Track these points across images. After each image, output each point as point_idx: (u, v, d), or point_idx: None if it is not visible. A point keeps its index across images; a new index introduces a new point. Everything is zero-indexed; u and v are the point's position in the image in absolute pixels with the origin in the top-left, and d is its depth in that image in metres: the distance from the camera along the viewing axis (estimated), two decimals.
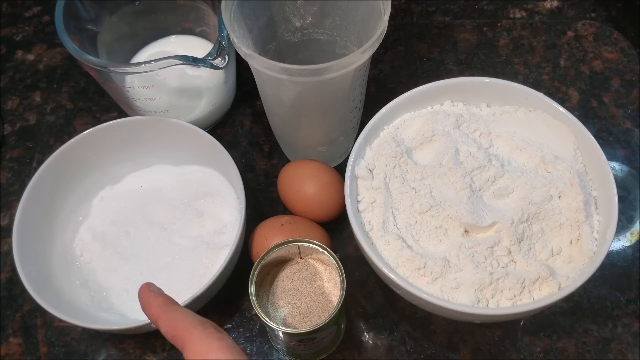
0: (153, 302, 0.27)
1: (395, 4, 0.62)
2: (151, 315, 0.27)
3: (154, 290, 0.28)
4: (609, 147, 0.52)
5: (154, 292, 0.28)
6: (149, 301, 0.27)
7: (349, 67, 0.37)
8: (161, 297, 0.27)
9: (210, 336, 0.25)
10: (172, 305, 0.27)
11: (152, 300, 0.27)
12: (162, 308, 0.26)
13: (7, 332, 0.45)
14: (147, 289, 0.28)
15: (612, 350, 0.43)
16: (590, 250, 0.37)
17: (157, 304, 0.27)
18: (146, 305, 0.27)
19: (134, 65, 0.42)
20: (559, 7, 0.61)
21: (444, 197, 0.39)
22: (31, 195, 0.44)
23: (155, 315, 0.26)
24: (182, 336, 0.25)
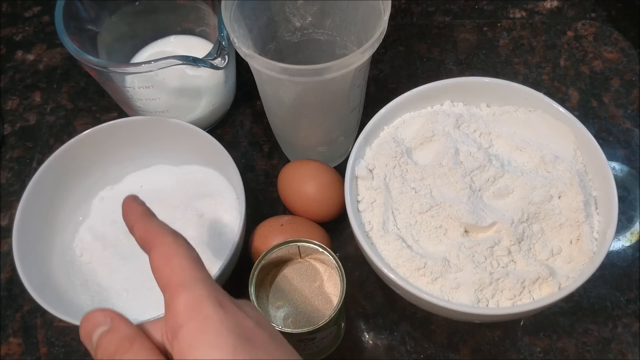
0: (134, 210, 0.28)
1: (395, 4, 0.62)
2: (128, 221, 0.27)
3: (137, 201, 0.28)
4: (609, 147, 0.52)
5: (136, 202, 0.28)
6: (130, 208, 0.28)
7: (349, 67, 0.37)
8: (142, 207, 0.28)
9: (179, 245, 0.25)
10: (151, 216, 0.27)
11: (133, 208, 0.28)
12: (141, 216, 0.27)
13: (7, 332, 0.46)
14: (131, 198, 0.29)
15: (612, 350, 0.43)
16: (590, 250, 0.37)
17: (137, 212, 0.28)
18: (126, 212, 0.28)
19: (134, 65, 0.42)
20: (559, 7, 0.61)
21: (444, 197, 0.39)
22: (31, 195, 0.44)
23: (132, 221, 0.27)
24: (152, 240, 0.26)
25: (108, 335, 0.24)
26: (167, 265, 0.25)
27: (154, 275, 0.25)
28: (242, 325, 0.23)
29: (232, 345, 0.22)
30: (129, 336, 0.24)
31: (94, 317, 0.25)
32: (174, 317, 0.23)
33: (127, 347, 0.24)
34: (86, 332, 0.25)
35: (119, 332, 0.24)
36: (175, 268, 0.24)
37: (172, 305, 0.23)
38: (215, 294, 0.24)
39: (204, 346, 0.22)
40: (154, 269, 0.25)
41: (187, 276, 0.24)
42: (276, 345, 0.24)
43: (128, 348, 0.24)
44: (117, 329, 0.25)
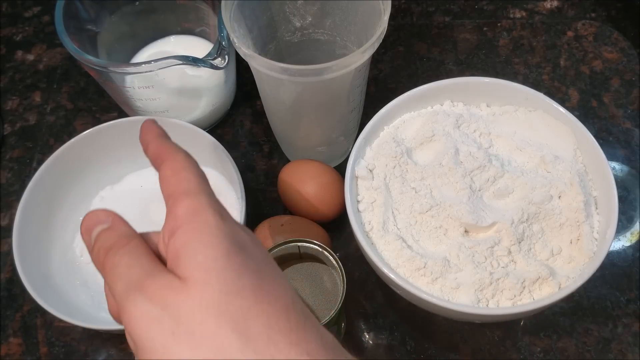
0: (151, 130, 0.29)
1: (395, 4, 0.62)
2: (144, 140, 0.28)
3: (156, 124, 0.29)
4: (609, 147, 0.52)
5: (155, 124, 0.29)
6: (148, 129, 0.29)
7: (349, 67, 0.37)
8: (160, 129, 0.29)
9: (189, 162, 0.26)
10: (167, 137, 0.28)
11: (151, 129, 0.29)
12: (157, 136, 0.28)
13: (7, 332, 0.45)
14: (151, 121, 0.30)
15: (612, 350, 0.43)
16: (590, 250, 0.37)
17: (153, 132, 0.28)
18: (144, 132, 0.29)
19: (134, 65, 0.42)
20: (559, 7, 0.61)
21: (444, 197, 0.39)
22: (31, 195, 0.44)
23: (147, 140, 0.28)
24: (164, 156, 0.27)
25: (107, 232, 0.25)
26: (175, 176, 0.25)
27: (161, 187, 0.26)
28: (238, 236, 0.24)
29: (226, 248, 0.23)
30: (127, 235, 0.25)
31: (96, 214, 0.26)
32: (174, 219, 0.24)
33: (124, 243, 0.25)
34: (87, 228, 0.26)
35: (118, 231, 0.25)
36: (182, 179, 0.25)
37: (174, 209, 0.24)
38: (217, 206, 0.24)
39: (199, 245, 0.23)
40: (161, 180, 0.26)
41: (192, 187, 0.25)
42: (268, 261, 0.25)
43: (124, 245, 0.25)
44: (117, 228, 0.26)
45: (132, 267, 0.24)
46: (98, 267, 0.25)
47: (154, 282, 0.23)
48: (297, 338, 0.22)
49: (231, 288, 0.22)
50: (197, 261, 0.22)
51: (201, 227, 0.23)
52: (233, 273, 0.22)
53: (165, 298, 0.22)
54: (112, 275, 0.24)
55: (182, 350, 0.21)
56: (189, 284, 0.22)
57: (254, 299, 0.22)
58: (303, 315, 0.23)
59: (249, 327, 0.21)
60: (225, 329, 0.21)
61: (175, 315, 0.21)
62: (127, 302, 0.22)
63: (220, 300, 0.21)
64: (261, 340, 0.21)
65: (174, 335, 0.21)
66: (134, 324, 0.22)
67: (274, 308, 0.22)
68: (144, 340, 0.22)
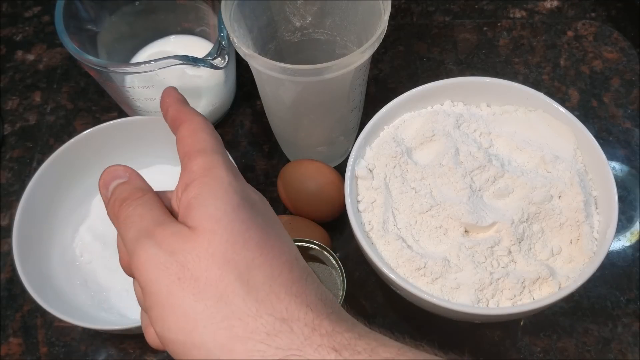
0: (171, 96, 0.30)
1: (395, 4, 0.62)
2: (164, 104, 0.29)
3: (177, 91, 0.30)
4: (609, 147, 0.52)
5: (176, 91, 0.30)
6: (168, 95, 0.30)
7: (349, 67, 0.37)
8: (180, 95, 0.30)
9: (206, 124, 0.27)
10: (186, 103, 0.29)
11: (172, 95, 0.30)
12: (176, 101, 0.29)
13: (7, 332, 0.46)
14: (172, 88, 0.31)
15: (612, 350, 0.43)
16: (590, 250, 0.37)
17: (173, 97, 0.29)
18: (164, 97, 0.30)
19: (134, 65, 0.42)
20: (559, 7, 0.61)
21: (444, 197, 0.39)
22: (31, 195, 0.44)
23: (167, 104, 0.29)
24: (182, 118, 0.28)
25: (123, 185, 0.27)
26: (192, 137, 0.26)
27: (178, 147, 0.27)
28: (248, 194, 0.25)
29: (236, 202, 0.23)
30: (142, 188, 0.26)
31: (115, 169, 0.27)
32: (189, 174, 0.25)
33: (138, 196, 0.26)
34: (104, 182, 0.27)
35: (133, 184, 0.27)
36: (198, 139, 0.26)
37: (189, 165, 0.25)
38: (230, 165, 0.25)
39: (211, 197, 0.24)
40: (178, 140, 0.27)
41: (207, 146, 0.26)
42: (275, 220, 0.26)
43: (138, 197, 0.26)
44: (133, 182, 0.27)
45: (144, 217, 0.25)
46: (112, 218, 0.26)
47: (164, 230, 0.23)
48: (297, 290, 0.22)
49: (238, 239, 0.22)
50: (208, 212, 0.23)
51: (214, 182, 0.24)
52: (241, 225, 0.23)
53: (173, 244, 0.23)
54: (124, 224, 0.25)
55: (186, 295, 0.22)
56: (197, 232, 0.23)
57: (259, 251, 0.23)
58: (305, 271, 0.24)
59: (253, 276, 0.22)
60: (229, 276, 0.22)
61: (182, 261, 0.22)
62: (137, 248, 0.23)
63: (227, 249, 0.22)
64: (263, 290, 0.22)
65: (180, 280, 0.22)
66: (142, 269, 0.23)
67: (278, 261, 0.23)
68: (151, 283, 0.22)
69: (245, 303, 0.21)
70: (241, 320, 0.21)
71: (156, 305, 0.22)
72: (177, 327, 0.22)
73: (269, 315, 0.21)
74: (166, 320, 0.22)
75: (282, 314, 0.21)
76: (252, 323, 0.21)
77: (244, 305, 0.21)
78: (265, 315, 0.21)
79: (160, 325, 0.22)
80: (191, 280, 0.22)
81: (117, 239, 0.27)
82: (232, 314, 0.21)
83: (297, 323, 0.21)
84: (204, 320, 0.21)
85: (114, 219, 0.26)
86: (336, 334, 0.22)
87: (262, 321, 0.21)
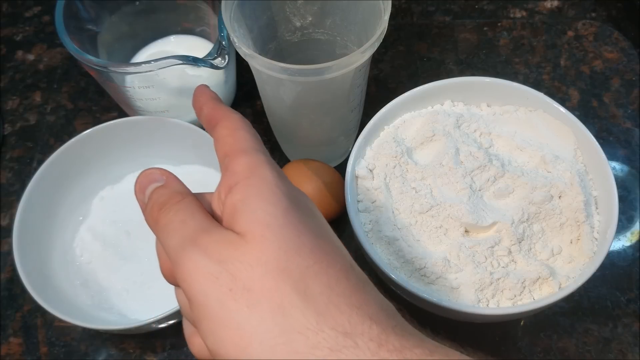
0: (204, 94, 0.29)
1: (395, 4, 0.62)
2: (197, 102, 0.28)
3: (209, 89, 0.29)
4: (609, 147, 0.52)
5: (208, 89, 0.29)
6: (201, 93, 0.29)
7: (349, 67, 0.37)
8: (213, 93, 0.29)
9: (244, 122, 0.26)
10: (220, 101, 0.28)
11: (204, 93, 0.29)
12: (210, 99, 0.28)
13: (7, 332, 0.46)
14: (204, 86, 0.30)
15: (613, 350, 0.43)
16: (591, 250, 0.37)
17: (207, 95, 0.28)
18: (197, 96, 0.29)
19: (134, 65, 0.42)
20: (559, 7, 0.61)
21: (444, 197, 0.39)
22: (31, 195, 0.44)
23: (201, 102, 0.28)
24: (219, 116, 0.27)
25: (161, 189, 0.25)
26: (231, 136, 0.25)
27: (216, 147, 0.26)
28: (295, 195, 0.23)
29: (285, 205, 0.22)
30: (181, 192, 0.25)
31: (151, 172, 0.26)
32: (232, 175, 0.23)
33: (178, 200, 0.24)
34: (141, 186, 0.26)
35: (171, 188, 0.25)
36: (239, 138, 0.25)
37: (231, 166, 0.24)
38: (274, 165, 0.24)
39: (258, 200, 0.22)
40: (217, 140, 0.26)
41: (249, 145, 0.25)
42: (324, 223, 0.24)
43: (178, 201, 0.24)
44: (171, 185, 0.26)
45: (187, 223, 0.23)
46: (151, 224, 0.25)
47: (210, 237, 0.22)
48: (357, 301, 0.21)
49: (290, 246, 0.21)
50: (256, 216, 0.22)
51: (260, 183, 0.23)
52: (292, 231, 0.21)
53: (221, 253, 0.21)
54: (165, 231, 0.23)
55: (240, 307, 0.20)
56: (247, 239, 0.21)
57: (313, 258, 0.21)
58: (361, 279, 0.22)
59: (309, 286, 0.20)
60: (284, 287, 0.20)
61: (232, 270, 0.21)
62: (181, 257, 0.22)
63: (280, 257, 0.21)
64: (322, 301, 0.20)
65: (231, 291, 0.20)
66: (189, 280, 0.21)
67: (334, 269, 0.21)
68: (199, 295, 0.21)
69: (304, 316, 0.20)
70: (301, 335, 0.20)
71: (206, 319, 0.21)
72: (231, 341, 0.20)
73: (331, 329, 0.20)
74: (218, 335, 0.21)
75: (344, 327, 0.20)
76: (313, 337, 0.20)
77: (303, 318, 0.20)
78: (326, 329, 0.20)
79: (212, 340, 0.21)
80: (244, 291, 0.20)
81: (156, 245, 0.25)
82: (290, 328, 0.20)
83: (362, 337, 0.20)
84: (260, 334, 0.20)
85: (152, 225, 0.25)
86: (405, 350, 0.20)
87: (323, 335, 0.20)
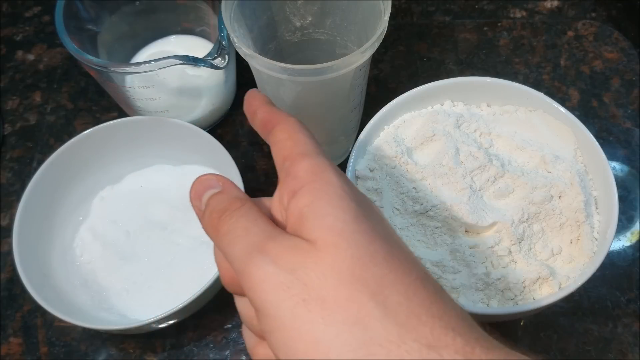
0: (257, 99, 0.28)
1: (395, 4, 0.62)
2: (250, 107, 0.28)
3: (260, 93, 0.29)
4: (609, 147, 0.52)
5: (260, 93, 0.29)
6: (253, 97, 0.28)
7: (349, 67, 0.37)
8: (266, 98, 0.28)
9: (302, 125, 0.25)
10: (274, 105, 0.28)
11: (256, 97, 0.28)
12: (264, 103, 0.27)
13: (7, 332, 0.46)
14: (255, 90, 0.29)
15: (613, 350, 0.43)
16: (591, 250, 0.37)
17: (260, 100, 0.28)
18: (249, 100, 0.28)
19: (134, 65, 0.42)
20: (559, 7, 0.61)
21: (444, 197, 0.39)
22: (31, 195, 0.44)
23: (255, 107, 0.27)
24: (275, 120, 0.26)
25: (219, 195, 0.25)
26: (290, 139, 0.25)
27: (274, 151, 0.25)
28: (362, 200, 0.22)
29: (354, 210, 0.21)
30: (240, 198, 0.24)
31: (207, 179, 0.25)
32: (294, 180, 0.23)
33: (237, 206, 0.24)
34: (197, 193, 0.25)
35: (230, 194, 0.25)
36: (298, 141, 0.24)
37: (293, 170, 0.23)
38: (337, 168, 0.23)
39: (326, 205, 0.21)
40: (274, 143, 0.25)
41: (310, 148, 0.24)
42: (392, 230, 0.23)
43: (238, 207, 0.23)
44: (229, 191, 0.25)
45: (250, 230, 0.22)
46: (210, 231, 0.24)
47: (278, 244, 0.21)
48: (438, 311, 0.20)
49: (363, 253, 0.20)
50: (326, 223, 0.21)
51: (326, 187, 0.22)
52: (364, 238, 0.21)
53: (292, 261, 0.20)
54: (227, 239, 0.23)
55: (314, 318, 0.19)
56: (317, 246, 0.20)
57: (387, 267, 0.20)
58: (437, 288, 0.21)
59: (387, 296, 0.19)
60: (361, 297, 0.19)
61: (304, 279, 0.20)
62: (249, 266, 0.21)
63: (354, 265, 0.20)
64: (401, 312, 0.19)
65: (305, 301, 0.19)
66: (258, 289, 0.20)
67: (410, 278, 0.20)
68: (270, 305, 0.20)
69: (384, 327, 0.19)
70: (382, 347, 0.19)
71: (278, 330, 0.20)
72: (306, 354, 0.19)
73: (414, 341, 0.19)
74: (292, 347, 0.19)
75: (427, 339, 0.19)
76: (396, 350, 0.18)
77: (383, 330, 0.19)
78: (409, 341, 0.19)
79: (285, 352, 0.20)
80: (318, 302, 0.19)
81: (214, 253, 0.25)
82: (370, 340, 0.19)
83: (447, 350, 0.19)
84: (338, 347, 0.19)
85: (212, 233, 0.24)
86: None
87: (406, 348, 0.19)
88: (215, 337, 0.45)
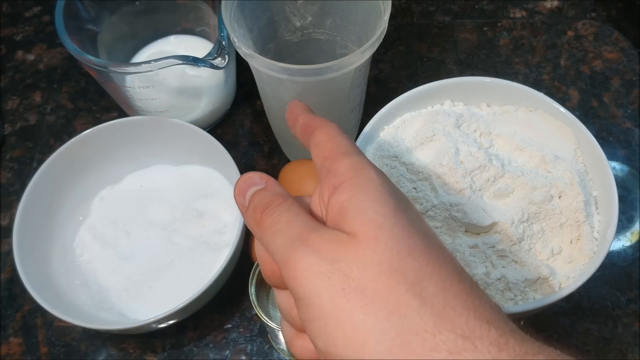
0: (298, 107, 0.29)
1: (395, 4, 0.62)
2: (292, 114, 0.29)
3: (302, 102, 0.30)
4: (609, 147, 0.52)
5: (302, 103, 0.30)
6: (295, 106, 0.29)
7: (349, 67, 0.37)
8: (307, 106, 0.29)
9: (341, 130, 0.26)
10: (313, 112, 0.29)
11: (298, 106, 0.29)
12: (305, 111, 0.28)
13: (7, 332, 0.46)
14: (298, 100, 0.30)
15: (612, 350, 0.43)
16: (591, 250, 0.37)
17: (301, 108, 0.29)
18: (291, 108, 0.29)
19: (134, 65, 0.42)
20: (559, 7, 0.61)
21: (444, 197, 0.39)
22: (31, 195, 0.44)
23: (296, 114, 0.28)
24: (315, 125, 0.27)
25: (262, 191, 0.25)
26: (330, 141, 0.25)
27: (314, 153, 0.26)
28: (400, 196, 0.23)
29: (393, 205, 0.22)
30: (282, 194, 0.25)
31: (250, 176, 0.26)
32: (335, 176, 0.23)
33: (280, 201, 0.25)
34: (240, 190, 0.26)
35: (272, 191, 0.25)
36: (338, 142, 0.25)
37: (334, 167, 0.24)
38: (375, 166, 0.24)
39: (367, 199, 0.22)
40: (315, 146, 0.26)
41: (349, 149, 0.25)
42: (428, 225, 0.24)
43: (280, 202, 0.24)
44: (271, 188, 0.26)
45: (293, 223, 0.23)
46: (253, 225, 0.25)
47: (320, 236, 0.22)
48: (473, 303, 0.20)
49: (402, 246, 0.21)
50: (367, 216, 0.21)
51: (366, 183, 0.23)
52: (403, 231, 0.21)
53: (333, 252, 0.21)
54: (270, 231, 0.23)
55: (353, 307, 0.20)
56: (359, 239, 0.21)
57: (425, 259, 0.21)
58: (472, 281, 0.22)
59: (424, 287, 0.20)
60: (399, 287, 0.20)
61: (345, 270, 0.21)
62: (291, 256, 0.22)
63: (393, 258, 0.21)
64: (438, 303, 0.20)
65: (344, 291, 0.20)
66: (300, 278, 0.21)
67: (446, 271, 0.21)
68: (311, 294, 0.21)
69: (421, 317, 0.19)
70: (418, 336, 0.19)
71: (318, 318, 0.21)
72: (344, 342, 0.20)
73: (449, 331, 0.19)
74: (331, 335, 0.20)
75: (463, 330, 0.19)
76: (431, 339, 0.19)
77: (419, 320, 0.19)
78: (444, 331, 0.19)
79: (324, 340, 0.21)
80: (357, 291, 0.20)
81: (256, 248, 0.26)
82: (407, 329, 0.19)
83: (481, 341, 0.19)
84: (376, 335, 0.19)
85: (255, 227, 0.25)
86: (527, 355, 0.20)
87: (442, 337, 0.19)
88: (215, 337, 0.45)
